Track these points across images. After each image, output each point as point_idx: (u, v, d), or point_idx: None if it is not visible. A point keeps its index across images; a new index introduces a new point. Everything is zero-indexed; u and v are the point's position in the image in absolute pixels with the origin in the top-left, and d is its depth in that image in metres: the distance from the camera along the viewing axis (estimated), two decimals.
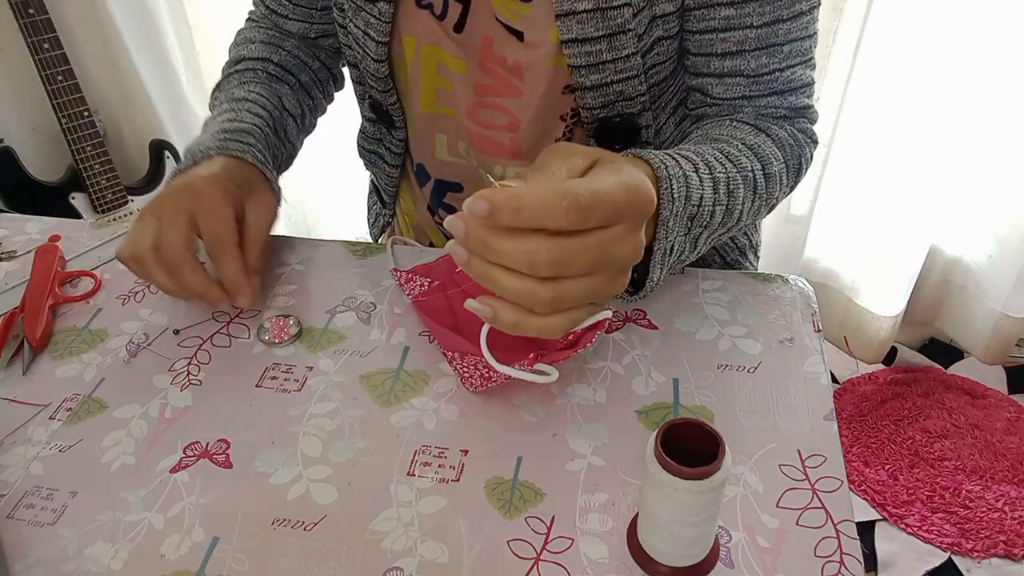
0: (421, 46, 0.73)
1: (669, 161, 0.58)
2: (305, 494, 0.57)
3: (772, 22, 0.67)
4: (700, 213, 0.60)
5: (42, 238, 0.82)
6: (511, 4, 0.68)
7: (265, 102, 0.79)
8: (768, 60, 0.69)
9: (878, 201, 1.60)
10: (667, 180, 0.56)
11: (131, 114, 1.84)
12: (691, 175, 0.58)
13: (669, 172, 0.57)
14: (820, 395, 0.62)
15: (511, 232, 0.44)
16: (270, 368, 0.66)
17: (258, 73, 0.83)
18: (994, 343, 1.70)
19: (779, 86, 0.71)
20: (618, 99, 0.71)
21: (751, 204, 0.65)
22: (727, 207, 0.62)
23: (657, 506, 0.48)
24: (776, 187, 0.68)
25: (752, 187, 0.65)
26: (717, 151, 0.64)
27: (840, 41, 1.47)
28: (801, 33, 0.68)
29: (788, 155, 0.70)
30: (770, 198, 0.69)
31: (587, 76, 0.69)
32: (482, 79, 0.73)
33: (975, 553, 1.40)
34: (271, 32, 0.86)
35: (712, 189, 0.60)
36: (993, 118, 1.48)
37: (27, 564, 0.53)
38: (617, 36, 0.66)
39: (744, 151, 0.66)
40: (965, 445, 1.57)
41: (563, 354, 0.61)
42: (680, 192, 0.57)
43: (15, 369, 0.67)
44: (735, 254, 0.89)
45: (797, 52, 0.69)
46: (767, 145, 0.68)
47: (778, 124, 0.72)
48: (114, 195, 1.71)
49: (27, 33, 1.52)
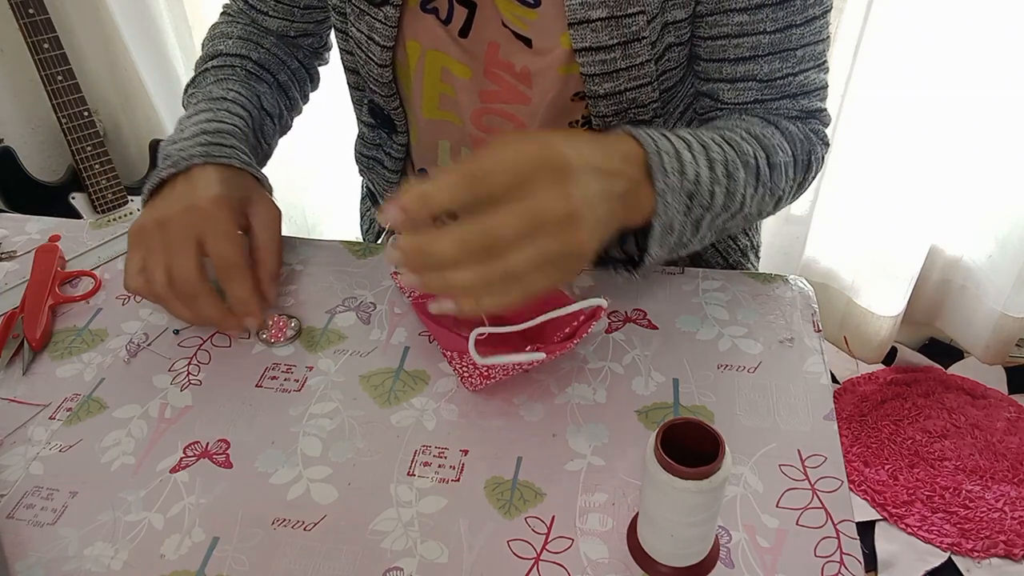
0: (425, 51, 0.73)
1: (659, 137, 0.58)
2: (305, 494, 0.57)
3: (785, 27, 0.66)
4: (699, 192, 0.59)
5: (42, 238, 0.82)
6: (518, 10, 0.68)
7: (245, 102, 0.77)
8: (781, 65, 0.68)
9: (878, 201, 1.60)
10: (656, 154, 0.56)
11: (131, 114, 1.84)
12: (683, 152, 0.58)
13: (659, 146, 0.56)
14: (820, 395, 0.62)
15: (438, 232, 0.46)
16: (270, 368, 0.66)
17: (236, 71, 0.80)
18: (994, 343, 1.70)
19: (792, 90, 0.70)
20: (631, 106, 0.71)
21: (754, 191, 0.64)
22: (728, 189, 0.61)
23: (657, 506, 0.48)
24: (781, 178, 0.67)
25: (755, 173, 0.63)
26: (716, 135, 0.63)
27: (840, 41, 1.47)
28: (814, 37, 0.68)
29: (797, 149, 0.69)
30: (775, 189, 0.67)
31: (600, 84, 0.68)
32: (488, 85, 0.73)
33: (975, 553, 1.40)
34: (249, 28, 0.84)
35: (708, 168, 0.59)
36: (993, 118, 1.48)
37: (27, 564, 0.53)
38: (631, 44, 0.66)
39: (747, 139, 0.65)
40: (965, 445, 1.57)
41: (560, 346, 0.61)
42: (672, 166, 0.57)
43: (15, 369, 0.67)
44: (737, 255, 0.88)
45: (810, 56, 0.69)
46: (774, 136, 0.68)
47: (790, 121, 0.71)
48: (114, 195, 1.71)
49: (27, 33, 1.52)
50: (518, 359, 0.58)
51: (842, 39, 1.47)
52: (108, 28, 1.69)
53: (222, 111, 0.74)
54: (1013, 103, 1.46)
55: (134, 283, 0.65)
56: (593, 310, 0.61)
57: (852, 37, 1.45)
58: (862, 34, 1.44)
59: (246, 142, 0.74)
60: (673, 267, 0.75)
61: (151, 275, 0.64)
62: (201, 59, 0.83)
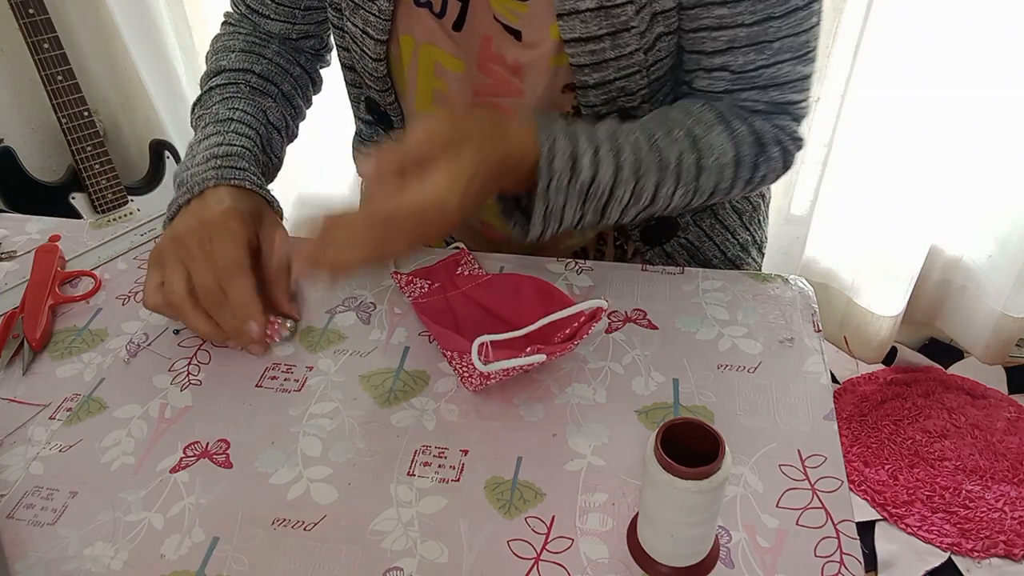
0: (419, 45, 0.73)
1: (561, 141, 0.63)
2: (305, 494, 0.57)
3: (764, 20, 0.66)
4: (595, 191, 0.64)
5: (42, 238, 0.82)
6: (509, 3, 0.68)
7: (251, 120, 0.78)
8: (756, 57, 0.68)
9: (878, 201, 1.60)
10: (548, 161, 0.62)
11: (131, 114, 1.84)
12: (583, 155, 0.63)
13: (554, 150, 0.62)
14: (820, 395, 0.62)
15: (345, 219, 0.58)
16: (270, 368, 0.66)
17: (240, 87, 0.81)
18: (994, 343, 1.70)
19: (762, 82, 0.70)
20: (620, 95, 0.71)
21: (673, 190, 0.68)
22: (634, 189, 0.66)
23: (657, 506, 0.48)
24: (711, 178, 0.69)
25: (675, 174, 0.67)
26: (642, 135, 0.67)
27: (840, 41, 1.47)
28: (794, 29, 0.68)
29: (744, 151, 0.70)
30: (704, 187, 0.70)
31: (590, 75, 0.69)
32: (480, 79, 0.73)
33: (975, 553, 1.40)
34: (250, 38, 0.84)
35: (613, 168, 0.64)
36: (993, 118, 1.48)
37: (27, 564, 0.53)
38: (620, 34, 0.66)
39: (681, 139, 0.67)
40: (965, 445, 1.57)
41: (561, 347, 0.61)
42: (561, 168, 0.62)
43: (15, 369, 0.67)
44: (736, 249, 0.88)
45: (788, 48, 0.69)
46: (719, 137, 0.69)
47: (753, 117, 0.71)
48: (114, 195, 1.71)
49: (27, 33, 1.52)
50: (519, 363, 0.58)
51: (842, 39, 1.47)
52: (108, 28, 1.69)
53: (230, 133, 0.75)
54: (1013, 103, 1.46)
55: (152, 300, 0.66)
56: (593, 311, 0.62)
57: (852, 37, 1.45)
58: (862, 34, 1.44)
59: (255, 162, 0.75)
60: (673, 267, 0.75)
61: (169, 287, 0.65)
62: (205, 75, 0.84)
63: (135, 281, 0.76)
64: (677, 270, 0.74)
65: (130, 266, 0.78)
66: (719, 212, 0.87)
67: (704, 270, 0.74)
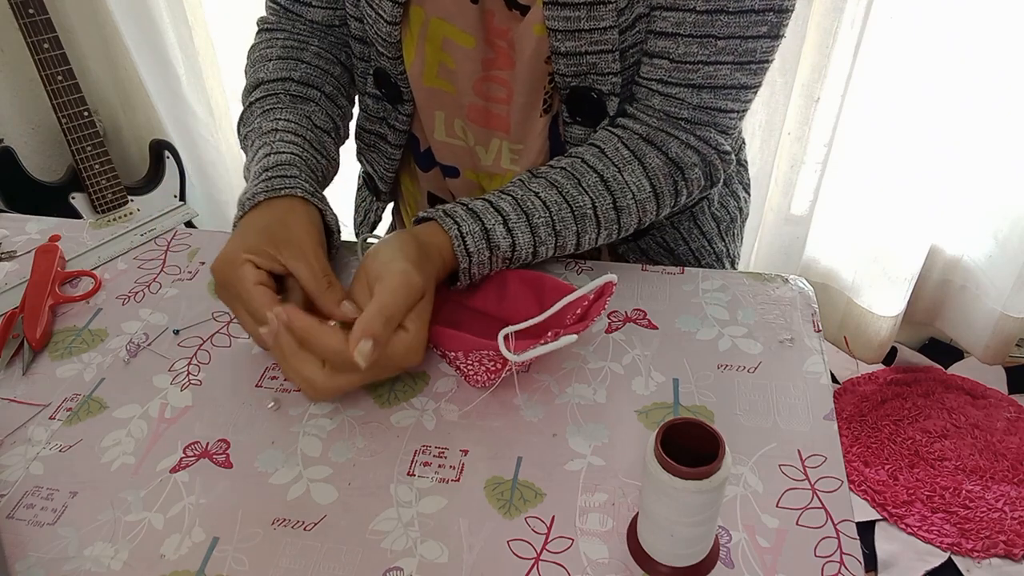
0: (429, 18, 0.73)
1: (467, 224, 0.66)
2: (305, 494, 0.57)
3: (715, 11, 0.66)
4: (518, 256, 0.69)
5: (42, 238, 0.82)
6: None
7: (296, 127, 0.75)
8: (698, 50, 0.68)
9: (878, 201, 1.60)
10: (459, 239, 0.65)
11: (131, 114, 1.85)
12: (494, 229, 0.67)
13: (463, 230, 0.66)
14: (820, 395, 0.63)
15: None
16: (270, 368, 0.66)
17: (280, 97, 0.78)
18: (994, 343, 1.70)
19: (697, 78, 0.69)
20: (590, 71, 0.71)
21: (596, 233, 0.72)
22: (556, 242, 0.70)
23: (657, 506, 0.48)
24: (632, 216, 0.72)
25: (593, 220, 0.71)
26: (551, 192, 0.69)
27: (840, 41, 1.47)
28: (742, 31, 0.67)
29: (661, 183, 0.72)
30: (626, 225, 0.73)
31: (563, 42, 0.69)
32: (488, 53, 0.73)
33: (975, 553, 1.40)
34: (288, 42, 0.82)
35: (529, 233, 0.68)
36: (993, 117, 1.48)
37: (27, 564, 0.53)
38: (597, 7, 0.66)
39: (592, 186, 0.70)
40: (965, 445, 1.57)
41: (574, 328, 0.60)
42: (477, 246, 0.66)
43: (15, 369, 0.67)
44: (710, 259, 0.89)
45: (732, 50, 0.68)
46: (632, 175, 0.71)
47: (670, 141, 0.71)
48: (114, 195, 1.71)
49: (27, 33, 1.52)
50: (552, 347, 0.58)
51: (842, 39, 1.46)
52: (108, 28, 1.69)
53: (276, 142, 0.73)
54: (1013, 103, 1.46)
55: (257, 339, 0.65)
56: (604, 286, 0.62)
57: (852, 37, 1.45)
58: (862, 34, 1.44)
59: (306, 166, 0.72)
60: (673, 267, 0.75)
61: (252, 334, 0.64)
62: (245, 90, 0.81)
63: (135, 281, 0.76)
64: (677, 270, 0.75)
65: (130, 266, 0.78)
66: (699, 216, 0.87)
67: (704, 270, 0.74)
